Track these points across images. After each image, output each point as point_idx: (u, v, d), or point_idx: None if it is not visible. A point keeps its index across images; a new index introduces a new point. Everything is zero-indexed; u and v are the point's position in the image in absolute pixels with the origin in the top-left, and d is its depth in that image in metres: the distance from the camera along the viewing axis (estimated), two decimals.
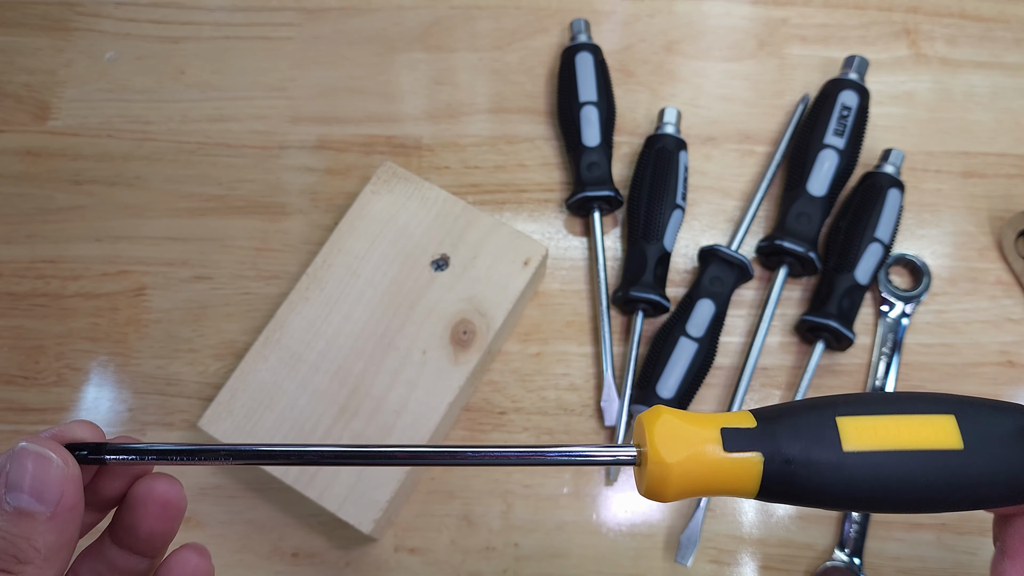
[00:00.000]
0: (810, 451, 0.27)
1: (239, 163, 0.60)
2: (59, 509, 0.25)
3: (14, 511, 0.25)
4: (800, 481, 0.27)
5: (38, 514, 0.25)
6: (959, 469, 0.28)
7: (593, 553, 0.51)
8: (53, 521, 0.25)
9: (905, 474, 0.27)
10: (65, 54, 0.63)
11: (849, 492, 0.28)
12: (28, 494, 0.25)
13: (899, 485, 0.28)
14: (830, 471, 0.27)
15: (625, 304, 0.54)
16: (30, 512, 0.25)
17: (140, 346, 0.55)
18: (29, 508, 0.25)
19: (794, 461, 0.27)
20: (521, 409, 0.54)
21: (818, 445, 0.27)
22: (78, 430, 0.28)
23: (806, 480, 0.27)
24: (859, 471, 0.27)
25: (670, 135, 0.56)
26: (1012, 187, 0.59)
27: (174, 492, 0.29)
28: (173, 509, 0.29)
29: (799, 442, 0.27)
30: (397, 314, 0.51)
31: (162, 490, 0.29)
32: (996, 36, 0.63)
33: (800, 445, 0.27)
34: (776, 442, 0.27)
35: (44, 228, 0.58)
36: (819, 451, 0.27)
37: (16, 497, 0.25)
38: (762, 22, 0.63)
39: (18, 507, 0.25)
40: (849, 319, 0.53)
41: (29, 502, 0.25)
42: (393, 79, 0.62)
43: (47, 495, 0.25)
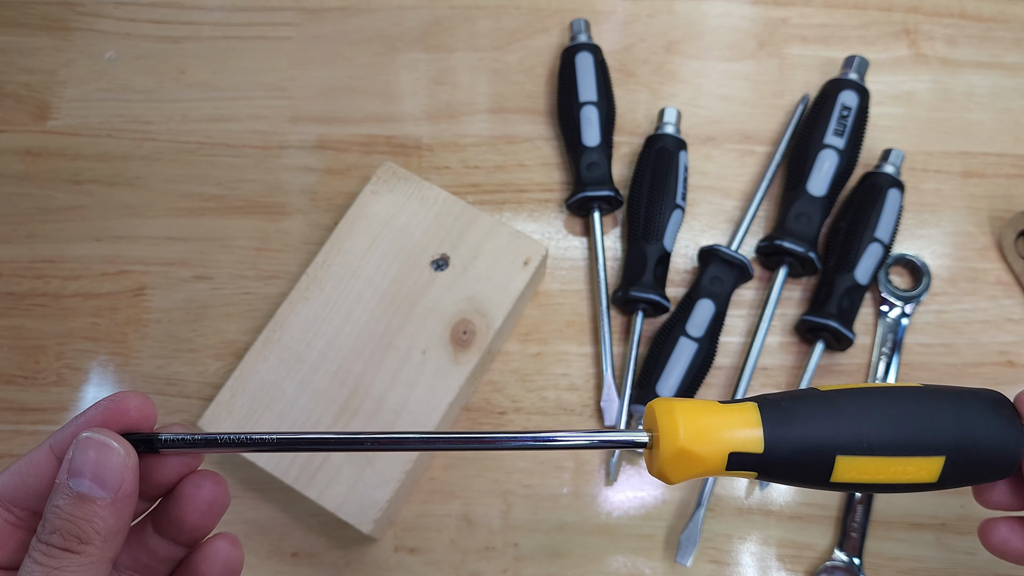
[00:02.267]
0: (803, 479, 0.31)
1: (239, 163, 0.60)
2: (119, 495, 0.27)
3: (76, 495, 0.26)
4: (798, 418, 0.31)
5: (99, 499, 0.26)
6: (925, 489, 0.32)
7: (593, 553, 0.51)
8: (113, 506, 0.26)
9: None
10: (65, 54, 0.63)
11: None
12: (91, 480, 0.26)
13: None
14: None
15: (625, 304, 0.54)
16: (92, 497, 0.26)
17: (140, 346, 0.55)
18: (91, 494, 0.26)
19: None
20: (521, 409, 0.54)
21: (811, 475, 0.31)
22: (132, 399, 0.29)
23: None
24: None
25: (670, 135, 0.56)
26: (1012, 187, 0.59)
27: (220, 490, 0.30)
28: (218, 506, 0.30)
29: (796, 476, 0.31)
30: (397, 314, 0.51)
31: (209, 487, 0.30)
32: (996, 36, 0.63)
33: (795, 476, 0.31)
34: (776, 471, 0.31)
35: (44, 228, 0.58)
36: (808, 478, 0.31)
37: (79, 482, 0.26)
38: (762, 22, 0.63)
39: (80, 492, 0.26)
40: (849, 319, 0.53)
41: (91, 487, 0.26)
42: (393, 79, 0.62)
43: (109, 481, 0.26)
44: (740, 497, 0.52)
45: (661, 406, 0.31)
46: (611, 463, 0.52)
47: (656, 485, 0.52)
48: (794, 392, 0.32)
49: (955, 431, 0.31)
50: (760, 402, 0.31)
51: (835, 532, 0.51)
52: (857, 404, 0.31)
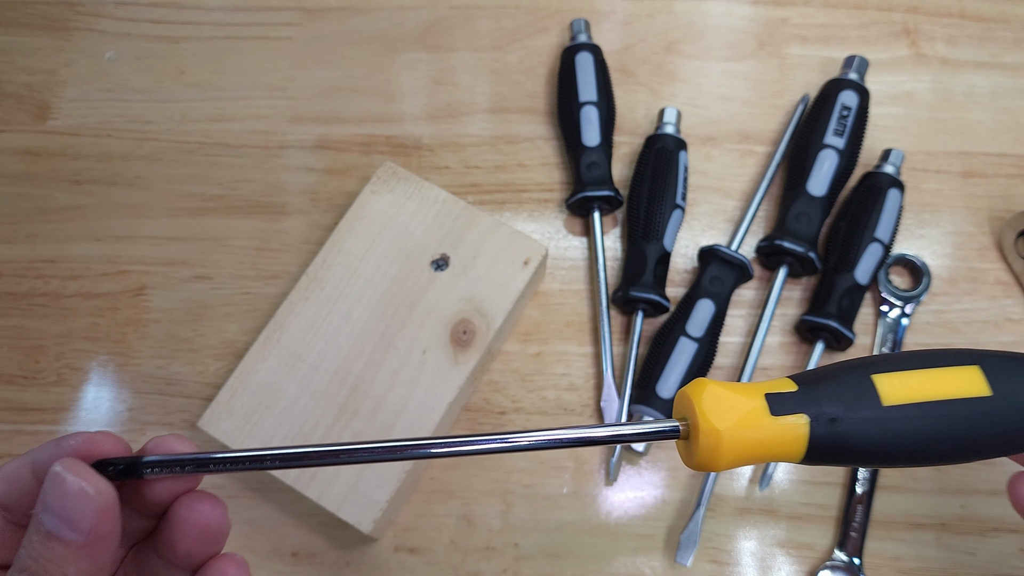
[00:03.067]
0: (853, 409, 0.28)
1: (239, 163, 0.60)
2: (91, 538, 0.24)
3: (46, 533, 0.24)
4: (846, 439, 0.28)
5: (71, 541, 0.24)
6: (991, 414, 0.29)
7: (593, 553, 0.51)
8: (85, 549, 0.24)
9: (942, 424, 0.29)
10: (65, 54, 0.63)
11: (892, 446, 0.29)
12: (61, 520, 0.24)
13: (938, 435, 0.29)
14: (873, 426, 0.29)
15: (625, 304, 0.54)
16: (63, 539, 0.24)
17: (140, 346, 0.55)
18: (63, 536, 0.24)
19: (839, 419, 0.28)
20: (521, 409, 0.54)
21: (860, 403, 0.29)
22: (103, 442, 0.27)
23: (852, 438, 0.28)
24: (899, 424, 0.29)
25: (670, 135, 0.56)
26: (1012, 187, 0.59)
27: (216, 515, 0.28)
28: (214, 533, 0.28)
29: (841, 402, 0.29)
30: (397, 314, 0.51)
31: (203, 512, 0.28)
32: (996, 36, 0.63)
33: (843, 404, 0.28)
34: (819, 403, 0.29)
35: (44, 228, 0.58)
36: (861, 408, 0.29)
37: (51, 521, 0.24)
38: (762, 22, 0.63)
39: (52, 532, 0.24)
40: (849, 319, 0.53)
41: (63, 529, 0.24)
42: (393, 79, 0.62)
43: (81, 523, 0.24)
44: (740, 497, 0.52)
45: (692, 384, 0.29)
46: (611, 463, 0.52)
47: (656, 485, 0.52)
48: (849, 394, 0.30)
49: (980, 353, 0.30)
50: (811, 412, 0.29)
51: (835, 532, 0.51)
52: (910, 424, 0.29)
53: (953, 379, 0.29)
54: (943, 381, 0.29)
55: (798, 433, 0.28)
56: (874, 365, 0.30)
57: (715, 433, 0.28)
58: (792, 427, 0.28)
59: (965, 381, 0.29)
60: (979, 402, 0.29)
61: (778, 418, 0.28)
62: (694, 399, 0.29)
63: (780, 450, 0.29)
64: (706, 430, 0.28)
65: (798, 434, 0.28)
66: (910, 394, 0.29)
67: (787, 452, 0.29)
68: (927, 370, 0.29)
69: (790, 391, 0.29)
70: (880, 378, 0.29)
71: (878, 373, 0.29)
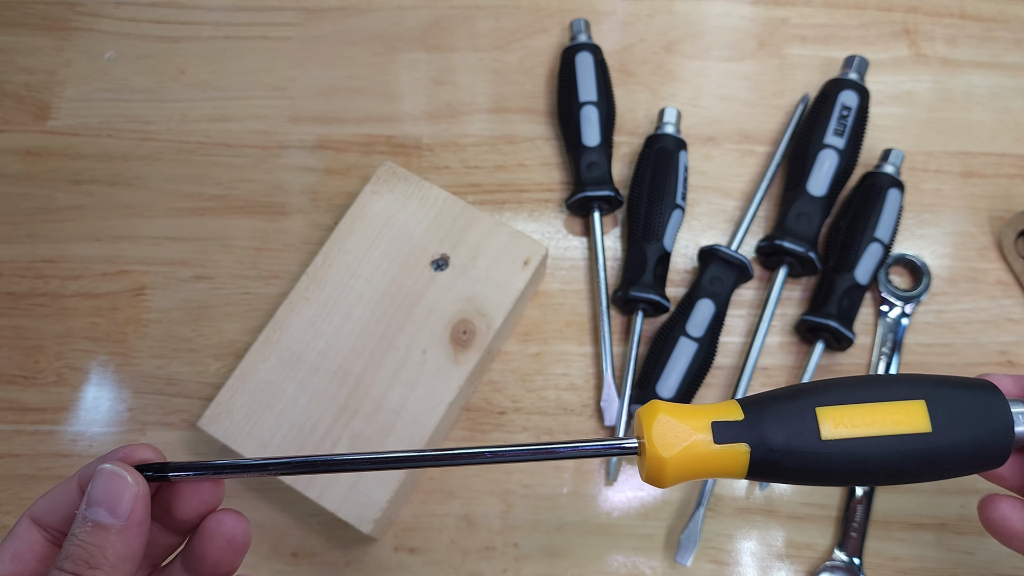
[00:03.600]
0: (792, 440, 0.30)
1: (239, 163, 0.60)
2: (129, 523, 0.28)
3: (92, 524, 0.28)
4: (784, 466, 0.30)
5: (111, 526, 0.28)
6: (928, 448, 0.30)
7: (593, 553, 0.51)
8: (123, 533, 0.28)
9: (879, 455, 0.30)
10: (65, 54, 0.63)
11: (828, 473, 0.31)
12: (104, 508, 0.28)
13: (874, 465, 0.30)
14: (810, 457, 0.30)
15: (625, 304, 0.54)
16: (104, 524, 0.28)
17: (140, 346, 0.55)
18: (104, 521, 0.28)
19: (777, 450, 0.30)
20: (521, 409, 0.54)
21: (799, 435, 0.30)
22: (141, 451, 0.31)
23: (789, 464, 0.30)
24: (837, 456, 0.30)
25: (670, 135, 0.56)
26: (1012, 187, 0.59)
27: (240, 528, 0.32)
28: (238, 544, 0.31)
29: (782, 432, 0.30)
30: (397, 314, 0.51)
31: (229, 524, 0.31)
32: (996, 36, 0.63)
33: (783, 435, 0.30)
34: (761, 433, 0.30)
35: (44, 228, 0.58)
36: (800, 440, 0.30)
37: (94, 511, 0.28)
38: (762, 22, 0.63)
39: (95, 520, 0.28)
40: (849, 319, 0.53)
41: (104, 515, 0.28)
42: (393, 79, 0.62)
43: (120, 509, 0.28)
44: (740, 497, 0.52)
45: (645, 407, 0.31)
46: (611, 463, 0.52)
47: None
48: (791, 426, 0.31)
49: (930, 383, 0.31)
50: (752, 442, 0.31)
51: (835, 532, 0.51)
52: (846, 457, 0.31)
53: (896, 413, 0.30)
54: (885, 415, 0.30)
55: (739, 460, 0.30)
56: (820, 395, 0.31)
57: (660, 460, 0.30)
58: (733, 454, 0.30)
59: (908, 415, 0.30)
60: (918, 437, 0.30)
61: (720, 446, 0.30)
62: (645, 425, 0.31)
63: (722, 470, 0.31)
64: (652, 456, 0.30)
65: (739, 461, 0.30)
66: (850, 427, 0.30)
67: (729, 471, 0.31)
68: (872, 404, 0.31)
69: (736, 420, 0.31)
70: (824, 411, 0.30)
71: (823, 405, 0.31)
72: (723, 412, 0.31)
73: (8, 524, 0.51)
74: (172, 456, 0.52)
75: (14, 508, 0.52)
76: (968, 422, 0.31)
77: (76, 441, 0.53)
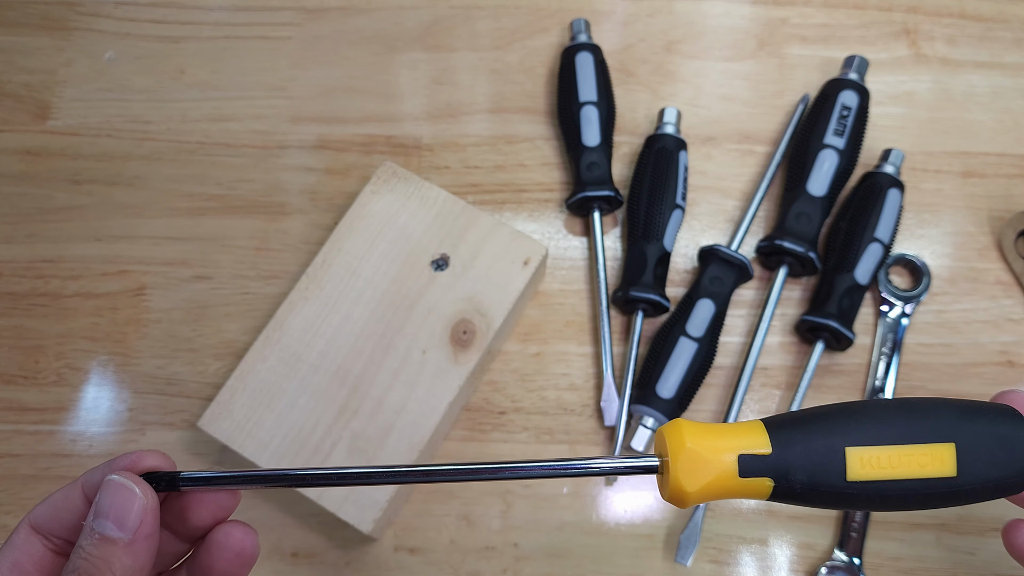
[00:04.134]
0: (816, 479, 0.30)
1: (239, 163, 0.60)
2: (136, 536, 0.28)
3: (99, 537, 0.27)
4: (806, 499, 0.31)
5: (118, 540, 0.27)
6: (950, 490, 0.31)
7: (593, 553, 0.51)
8: (131, 547, 0.27)
9: (899, 495, 0.31)
10: (65, 54, 0.63)
11: (848, 506, 0.31)
12: (112, 521, 0.27)
13: (892, 503, 0.31)
14: (832, 495, 0.31)
15: (625, 304, 0.54)
16: (112, 538, 0.27)
17: (140, 346, 0.55)
18: (111, 535, 0.27)
19: (800, 487, 0.30)
20: (521, 409, 0.54)
21: (825, 475, 0.30)
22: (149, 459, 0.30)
23: (811, 498, 0.31)
24: (858, 496, 0.31)
25: (670, 135, 0.56)
26: (1012, 187, 0.59)
27: (249, 541, 0.31)
28: (246, 557, 0.31)
29: (807, 470, 0.30)
30: (397, 314, 0.51)
31: (238, 537, 0.31)
32: (996, 36, 0.63)
33: (808, 473, 0.30)
34: (787, 470, 0.30)
35: (44, 228, 0.58)
36: (825, 480, 0.30)
37: (101, 524, 0.27)
38: (762, 22, 0.63)
39: (103, 534, 0.27)
40: (849, 319, 0.53)
41: (112, 529, 0.27)
42: (393, 79, 0.62)
43: (127, 523, 0.28)
44: None
45: (669, 428, 0.31)
46: None
47: (656, 485, 0.52)
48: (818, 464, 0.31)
49: (960, 420, 0.31)
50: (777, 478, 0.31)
51: (835, 532, 0.51)
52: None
53: (923, 458, 0.30)
54: (913, 460, 0.30)
55: (761, 491, 0.31)
56: (851, 434, 0.31)
57: (683, 492, 0.30)
58: (756, 486, 0.31)
59: (935, 460, 0.30)
60: (942, 481, 0.30)
61: (744, 479, 0.30)
62: (670, 448, 0.31)
63: (742, 496, 0.31)
64: (675, 487, 0.30)
65: (761, 491, 0.31)
66: (876, 471, 0.30)
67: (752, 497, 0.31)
68: (900, 447, 0.31)
69: (763, 454, 0.30)
70: (853, 452, 0.30)
71: (852, 446, 0.30)
72: (750, 441, 0.31)
73: (8, 524, 0.51)
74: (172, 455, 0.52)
75: (14, 508, 0.52)
76: (994, 463, 0.31)
77: (76, 441, 0.53)
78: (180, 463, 0.52)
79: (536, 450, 0.53)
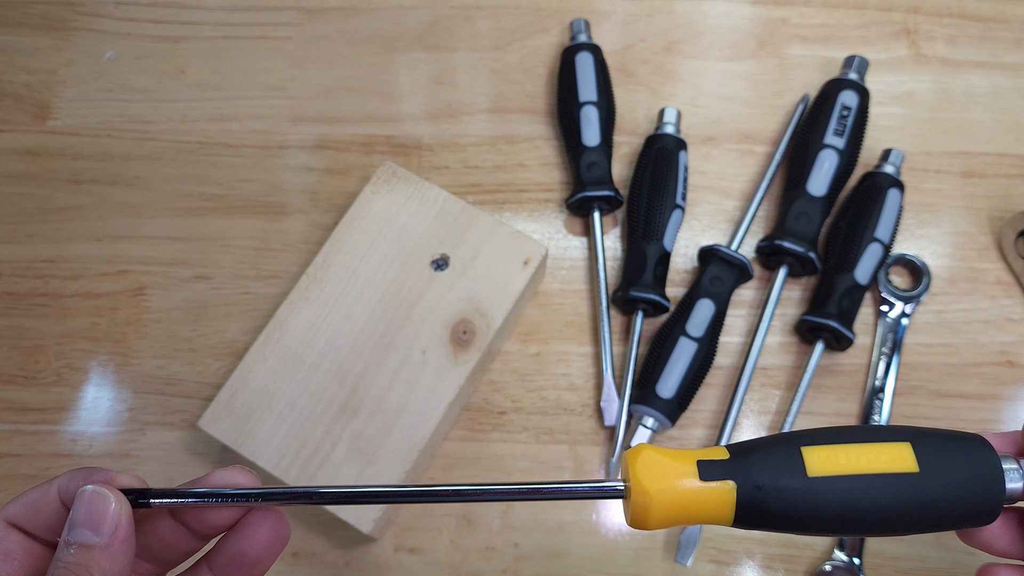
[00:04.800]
0: (778, 477, 0.30)
1: (239, 163, 0.60)
2: (113, 540, 0.28)
3: (76, 546, 0.27)
4: (771, 505, 0.30)
5: (95, 545, 0.27)
6: (917, 490, 0.30)
7: (593, 553, 0.51)
8: (108, 551, 0.28)
9: (866, 495, 0.30)
10: (65, 54, 0.63)
11: (816, 515, 0.30)
12: (87, 529, 0.28)
13: (861, 506, 0.30)
14: (797, 495, 0.30)
15: (625, 304, 0.54)
16: (88, 544, 0.27)
17: (140, 346, 0.55)
18: (88, 541, 0.27)
19: (764, 487, 0.30)
20: (521, 409, 0.54)
21: (785, 472, 0.30)
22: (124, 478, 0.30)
23: (776, 504, 0.30)
24: (824, 494, 0.30)
25: (670, 135, 0.56)
26: (1012, 187, 0.59)
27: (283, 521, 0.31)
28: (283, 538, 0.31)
29: (768, 470, 0.30)
30: (397, 314, 0.51)
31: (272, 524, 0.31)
32: (996, 36, 0.63)
33: (769, 472, 0.30)
34: (747, 471, 0.30)
35: (44, 228, 0.58)
36: (787, 477, 0.30)
37: (77, 534, 0.28)
38: (762, 22, 0.63)
39: (79, 542, 0.27)
40: (849, 319, 0.53)
41: (88, 536, 0.28)
42: (393, 79, 0.62)
43: (103, 527, 0.28)
44: None
45: (632, 450, 0.31)
46: (611, 463, 0.52)
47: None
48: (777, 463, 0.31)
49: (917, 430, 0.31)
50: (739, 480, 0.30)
51: None
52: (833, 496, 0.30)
53: (882, 454, 0.30)
54: (871, 456, 0.30)
55: (726, 498, 0.30)
56: (805, 438, 0.31)
57: (645, 494, 0.30)
58: (719, 492, 0.30)
59: (894, 456, 0.30)
60: (905, 477, 0.30)
61: (707, 483, 0.30)
62: (630, 462, 0.30)
63: (709, 512, 0.30)
64: (638, 490, 0.30)
65: (726, 499, 0.30)
66: (836, 466, 0.30)
67: (716, 515, 0.30)
68: (857, 444, 0.30)
69: (721, 459, 0.30)
70: (809, 450, 0.30)
71: (807, 446, 0.30)
72: (708, 452, 0.31)
73: None
74: (172, 455, 0.53)
75: None
76: (956, 467, 0.30)
77: (76, 441, 0.53)
78: (180, 463, 0.53)
79: (536, 450, 0.53)
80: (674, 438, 0.53)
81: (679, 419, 0.52)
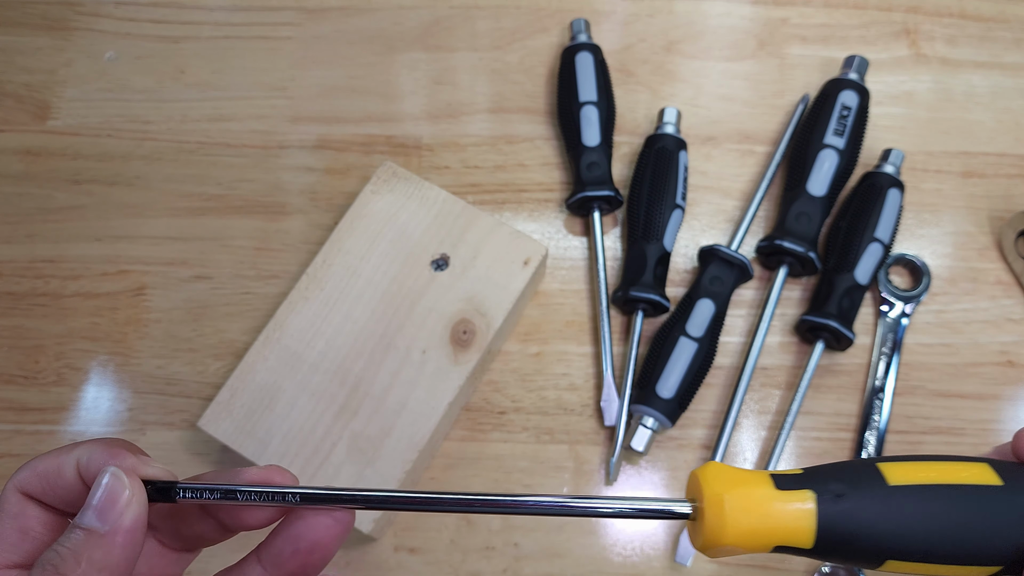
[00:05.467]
0: (858, 487, 0.28)
1: (239, 163, 0.60)
2: (114, 530, 0.26)
3: (81, 529, 0.26)
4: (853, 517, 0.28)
5: (93, 530, 0.26)
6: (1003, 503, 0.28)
7: (593, 553, 0.51)
8: (104, 539, 0.26)
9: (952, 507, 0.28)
10: (65, 54, 0.63)
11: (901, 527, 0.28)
12: (95, 512, 0.26)
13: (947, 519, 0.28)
14: (879, 503, 0.28)
15: (625, 304, 0.54)
16: (87, 528, 0.26)
17: (140, 346, 0.55)
18: (88, 525, 0.26)
19: (845, 495, 0.28)
20: (521, 409, 0.54)
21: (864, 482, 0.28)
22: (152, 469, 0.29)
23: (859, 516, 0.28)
24: (907, 504, 0.28)
25: (670, 135, 0.56)
26: (1012, 187, 0.59)
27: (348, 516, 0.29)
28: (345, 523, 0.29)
29: (846, 480, 0.29)
30: (397, 314, 0.51)
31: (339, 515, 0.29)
32: (996, 36, 0.63)
33: (847, 483, 0.28)
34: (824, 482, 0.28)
35: (44, 228, 0.58)
36: (866, 486, 0.28)
37: (85, 518, 0.26)
38: (762, 22, 0.63)
39: (80, 524, 0.26)
40: (849, 319, 0.53)
41: (91, 519, 0.26)
42: (393, 79, 0.62)
43: (109, 516, 0.26)
44: None
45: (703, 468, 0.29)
46: (611, 463, 0.52)
47: (656, 484, 0.52)
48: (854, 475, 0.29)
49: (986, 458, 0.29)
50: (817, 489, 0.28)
51: None
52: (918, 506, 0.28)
53: (961, 470, 0.29)
54: (951, 470, 0.29)
55: (804, 510, 0.28)
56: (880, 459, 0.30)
57: (719, 501, 0.28)
58: (798, 501, 0.28)
59: (974, 473, 0.29)
60: (990, 489, 0.28)
61: (783, 491, 0.28)
62: (701, 477, 0.29)
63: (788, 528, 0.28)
64: (711, 499, 0.28)
65: (804, 511, 0.28)
66: (916, 476, 0.28)
67: (796, 531, 0.28)
68: (934, 461, 0.29)
69: (795, 473, 0.29)
70: (885, 465, 0.29)
71: (883, 463, 0.29)
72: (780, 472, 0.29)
73: None
74: (172, 455, 0.53)
75: None
76: None
77: (76, 441, 0.53)
78: (180, 463, 0.53)
79: (536, 450, 0.53)
80: (674, 438, 0.53)
81: (679, 419, 0.52)
